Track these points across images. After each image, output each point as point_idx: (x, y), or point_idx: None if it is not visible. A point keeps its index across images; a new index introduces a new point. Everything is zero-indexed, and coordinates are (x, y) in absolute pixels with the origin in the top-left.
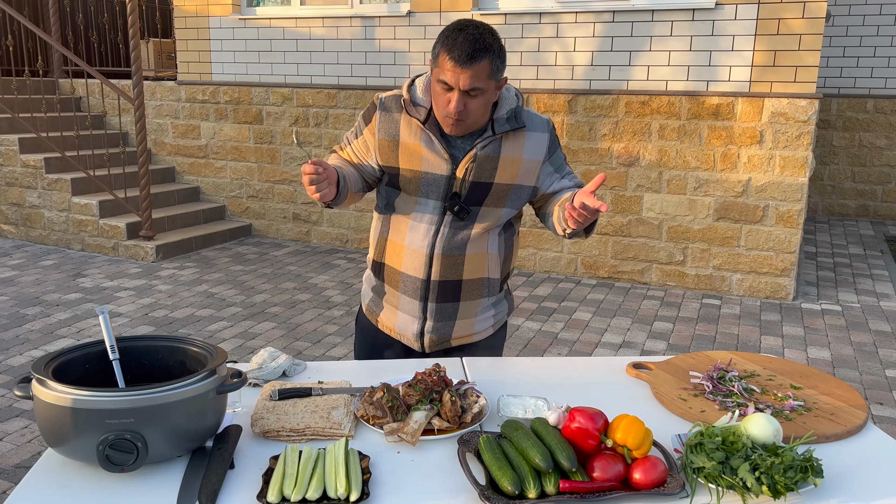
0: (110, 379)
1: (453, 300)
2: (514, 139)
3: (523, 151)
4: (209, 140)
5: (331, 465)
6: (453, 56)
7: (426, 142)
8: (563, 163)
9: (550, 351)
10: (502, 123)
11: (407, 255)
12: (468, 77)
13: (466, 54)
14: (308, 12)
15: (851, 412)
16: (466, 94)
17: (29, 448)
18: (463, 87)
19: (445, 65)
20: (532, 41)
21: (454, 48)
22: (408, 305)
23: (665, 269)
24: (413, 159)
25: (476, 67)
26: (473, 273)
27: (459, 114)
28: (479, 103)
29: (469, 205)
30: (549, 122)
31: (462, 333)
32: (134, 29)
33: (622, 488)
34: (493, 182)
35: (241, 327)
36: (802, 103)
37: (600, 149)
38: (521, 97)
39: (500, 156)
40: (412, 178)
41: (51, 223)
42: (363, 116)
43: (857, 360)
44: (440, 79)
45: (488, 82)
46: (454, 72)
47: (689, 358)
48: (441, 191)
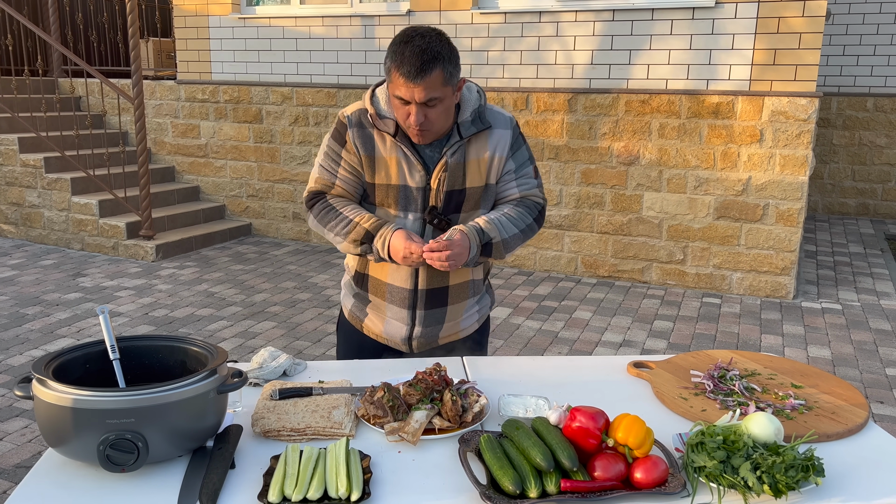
0: (111, 379)
1: (441, 305)
2: (478, 140)
3: (487, 150)
4: (209, 139)
5: (332, 464)
6: (403, 72)
7: (401, 155)
8: (527, 162)
9: (551, 350)
10: (468, 126)
11: (392, 266)
12: (422, 90)
13: (416, 68)
14: (308, 11)
15: (852, 411)
16: (425, 105)
17: (29, 448)
18: (419, 100)
19: (397, 80)
20: (532, 40)
21: (403, 63)
22: (396, 314)
23: (665, 268)
24: (390, 174)
25: (428, 79)
26: (459, 277)
27: (422, 125)
28: (440, 111)
29: (447, 214)
30: (512, 120)
31: (449, 332)
32: (133, 28)
33: (623, 488)
34: (466, 188)
35: (241, 327)
36: (802, 102)
37: (600, 148)
38: (483, 94)
39: (466, 160)
40: (389, 192)
41: (50, 223)
42: (334, 139)
43: (858, 359)
44: (395, 94)
45: (444, 90)
46: (407, 87)
47: (689, 357)
48: (418, 203)
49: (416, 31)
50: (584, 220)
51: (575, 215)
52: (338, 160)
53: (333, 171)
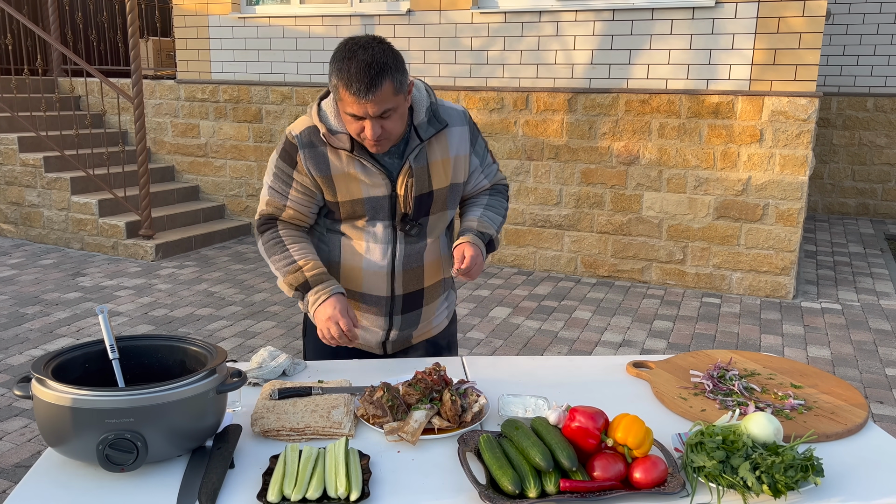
0: (110, 378)
1: (417, 308)
2: (438, 140)
3: (449, 150)
4: (209, 139)
5: (331, 464)
6: (352, 90)
7: (360, 168)
8: (485, 150)
9: (550, 350)
10: (425, 128)
11: (367, 276)
12: (374, 105)
13: (365, 85)
14: (307, 11)
15: (852, 411)
16: (379, 118)
17: (29, 447)
18: (373, 115)
19: (347, 99)
20: (532, 40)
21: (351, 81)
22: (373, 321)
23: (665, 268)
24: (352, 188)
25: (379, 93)
26: (433, 278)
27: (378, 137)
28: (395, 120)
29: (417, 218)
30: (464, 113)
31: (422, 332)
32: (133, 28)
33: (622, 487)
34: (433, 190)
35: (240, 326)
36: (802, 102)
37: (600, 147)
38: (431, 91)
39: (429, 162)
40: (355, 207)
41: (50, 222)
42: (283, 160)
43: (857, 359)
44: (347, 112)
45: (396, 99)
46: (359, 104)
47: (689, 357)
48: (386, 211)
49: (357, 43)
50: (583, 220)
51: (575, 215)
52: (289, 182)
53: (284, 192)
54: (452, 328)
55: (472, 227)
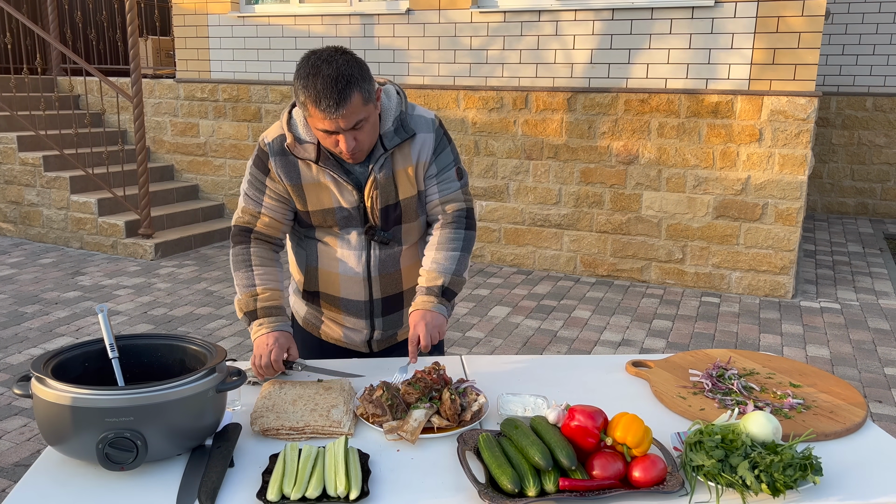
0: (109, 377)
1: (398, 309)
2: (402, 149)
3: (411, 156)
4: (208, 138)
5: (330, 463)
6: (322, 107)
7: (329, 178)
8: (450, 164)
9: (549, 349)
10: (391, 137)
11: (344, 281)
12: (345, 119)
13: (335, 101)
14: (307, 10)
15: (850, 410)
16: (352, 130)
17: (28, 446)
18: (345, 128)
19: (318, 115)
20: (531, 39)
21: (319, 98)
22: (354, 323)
23: (664, 268)
24: (322, 198)
25: (349, 107)
26: (412, 282)
27: (354, 149)
28: (368, 130)
29: (388, 228)
30: (433, 121)
31: (406, 330)
32: (132, 27)
33: (622, 486)
34: (399, 201)
35: (240, 325)
36: (802, 101)
37: (599, 147)
38: (403, 96)
39: (394, 171)
40: (326, 216)
41: (49, 221)
42: (256, 166)
43: (856, 358)
44: (318, 128)
45: (366, 109)
46: (331, 119)
47: (688, 356)
48: (357, 220)
49: (320, 57)
50: (583, 220)
51: (574, 214)
52: (262, 189)
53: (258, 200)
54: None
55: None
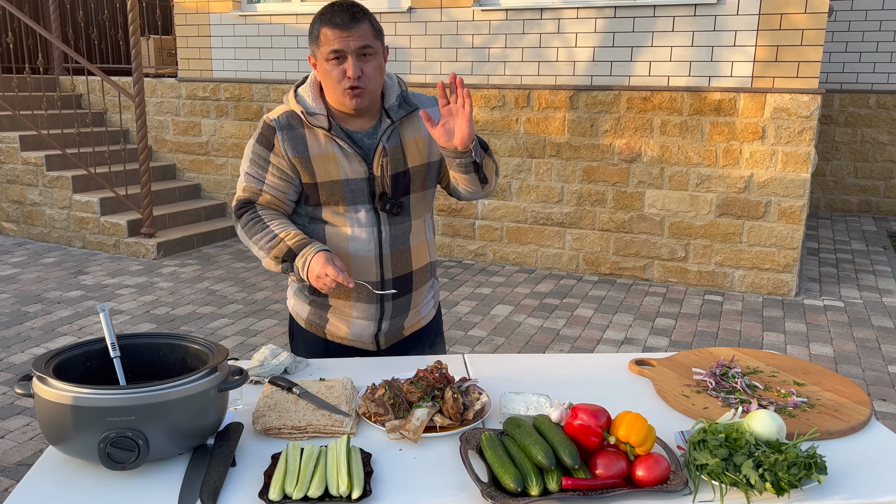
0: (111, 377)
1: (407, 293)
2: (410, 122)
3: (421, 129)
4: (210, 137)
5: (332, 462)
6: (335, 23)
7: (337, 149)
8: None
9: (552, 348)
10: (396, 110)
11: (355, 262)
12: (356, 38)
13: (347, 18)
14: (309, 8)
15: (855, 408)
16: (361, 58)
17: (30, 445)
18: (355, 48)
19: (329, 35)
20: (533, 37)
21: (333, 17)
22: (363, 312)
23: (667, 266)
24: (330, 170)
25: (360, 28)
26: (420, 262)
27: (359, 80)
28: (374, 67)
29: (397, 198)
30: (435, 99)
31: (412, 322)
32: (134, 26)
33: (625, 485)
34: (409, 168)
35: (242, 324)
36: (805, 99)
37: (602, 145)
38: (403, 83)
39: (402, 141)
40: (334, 189)
41: (52, 221)
42: (260, 143)
43: (860, 356)
44: (330, 50)
45: (375, 42)
46: (341, 37)
47: (691, 354)
48: (366, 193)
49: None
50: (585, 218)
51: (576, 213)
52: (265, 166)
53: (261, 177)
54: (439, 320)
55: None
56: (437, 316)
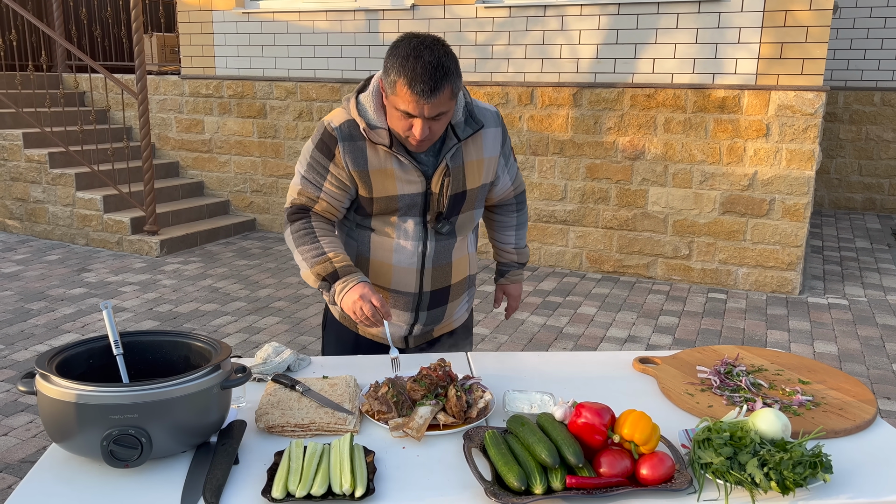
0: (114, 374)
1: (443, 304)
2: (473, 140)
3: (483, 151)
4: (213, 134)
5: (336, 460)
6: (415, 90)
7: (397, 165)
8: (510, 150)
9: (555, 345)
10: (463, 128)
11: (396, 272)
12: (431, 107)
13: (429, 87)
14: (311, 6)
15: (860, 407)
16: (430, 120)
17: (34, 443)
18: (428, 116)
19: (406, 97)
20: (537, 34)
21: (415, 81)
22: (399, 317)
23: (670, 264)
24: (387, 185)
25: (440, 97)
26: (460, 275)
27: (425, 138)
28: (443, 123)
29: (450, 217)
30: (497, 114)
31: (444, 324)
32: (137, 23)
33: (629, 484)
34: (467, 189)
35: (245, 322)
36: (809, 96)
37: (605, 142)
38: (466, 91)
39: (464, 162)
40: (389, 203)
41: (55, 218)
42: (320, 150)
43: (864, 355)
44: (400, 108)
45: (450, 104)
46: (418, 104)
47: (695, 353)
48: (419, 208)
49: (423, 42)
50: (588, 215)
51: (580, 210)
52: (323, 173)
53: (318, 184)
54: (470, 321)
55: (513, 260)
56: (469, 318)
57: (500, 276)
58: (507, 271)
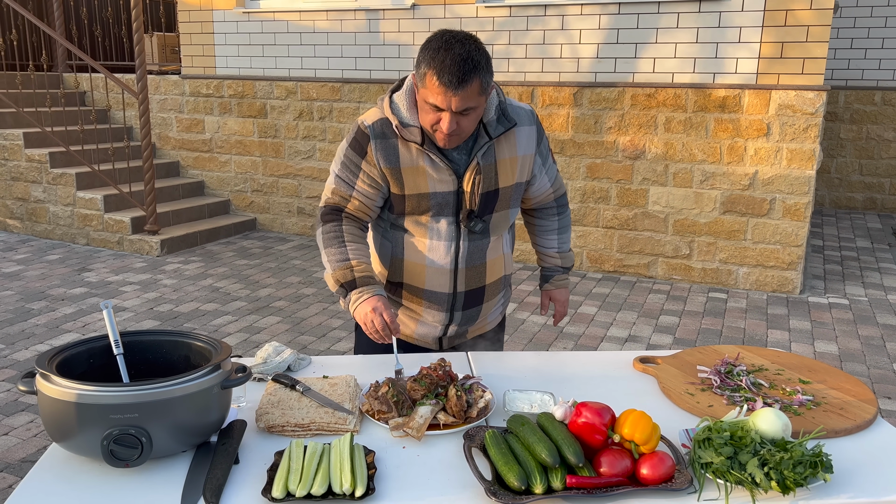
0: (114, 374)
1: (478, 304)
2: (506, 138)
3: (517, 149)
4: (213, 134)
5: (336, 460)
6: (444, 81)
7: (429, 163)
8: (548, 150)
9: (556, 345)
10: (495, 126)
11: (430, 273)
12: (459, 100)
13: (457, 78)
14: (312, 5)
15: (860, 407)
16: (458, 114)
17: (34, 442)
18: (455, 109)
19: (435, 88)
20: (537, 33)
21: (443, 72)
22: (434, 317)
23: (671, 263)
24: (419, 182)
25: (468, 90)
26: (494, 276)
27: (452, 132)
28: (472, 119)
29: (482, 215)
30: (532, 113)
31: (478, 326)
32: (138, 23)
33: (629, 483)
34: (499, 188)
35: (245, 321)
36: (810, 95)
37: (606, 142)
38: (501, 90)
39: (497, 160)
40: (421, 202)
41: (56, 218)
42: (353, 149)
43: (865, 354)
44: (429, 101)
45: (479, 99)
46: (445, 96)
47: (696, 352)
48: (451, 207)
49: (455, 37)
50: (589, 215)
51: (580, 210)
52: (356, 171)
53: (351, 182)
54: (503, 322)
55: (557, 264)
56: (503, 320)
57: (544, 281)
58: (552, 276)
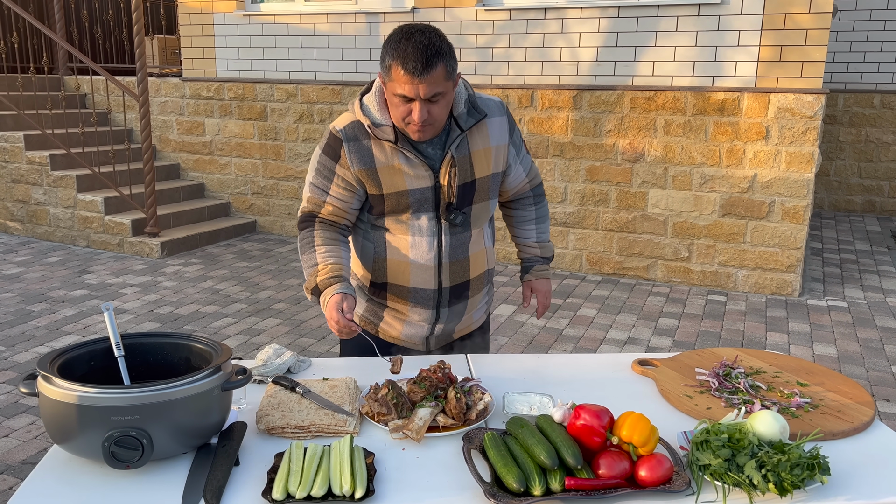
0: (115, 376)
1: (463, 300)
2: (478, 130)
3: (489, 139)
4: (214, 137)
5: (336, 462)
6: (408, 69)
7: (404, 160)
8: (520, 141)
9: (555, 347)
10: (465, 119)
11: (414, 270)
12: (426, 86)
13: (421, 64)
14: (312, 8)
15: (858, 409)
16: (428, 102)
17: (35, 444)
18: (424, 96)
19: (401, 78)
20: (537, 37)
21: (407, 60)
22: (420, 315)
23: (670, 266)
24: (396, 181)
25: (433, 75)
26: (478, 270)
27: (424, 121)
28: (442, 106)
29: (462, 208)
30: (501, 104)
31: (464, 325)
32: (138, 26)
33: (628, 485)
34: (475, 179)
35: (245, 324)
36: (809, 98)
37: (605, 145)
38: (469, 85)
39: (471, 151)
40: (400, 200)
41: (56, 220)
42: (327, 154)
43: (864, 357)
44: (397, 93)
45: (446, 84)
46: (412, 84)
47: (694, 355)
48: (430, 202)
49: (414, 27)
50: (588, 218)
51: (580, 212)
52: (330, 177)
53: (325, 188)
54: (487, 322)
55: (536, 254)
56: (487, 320)
57: (525, 272)
58: (532, 266)
